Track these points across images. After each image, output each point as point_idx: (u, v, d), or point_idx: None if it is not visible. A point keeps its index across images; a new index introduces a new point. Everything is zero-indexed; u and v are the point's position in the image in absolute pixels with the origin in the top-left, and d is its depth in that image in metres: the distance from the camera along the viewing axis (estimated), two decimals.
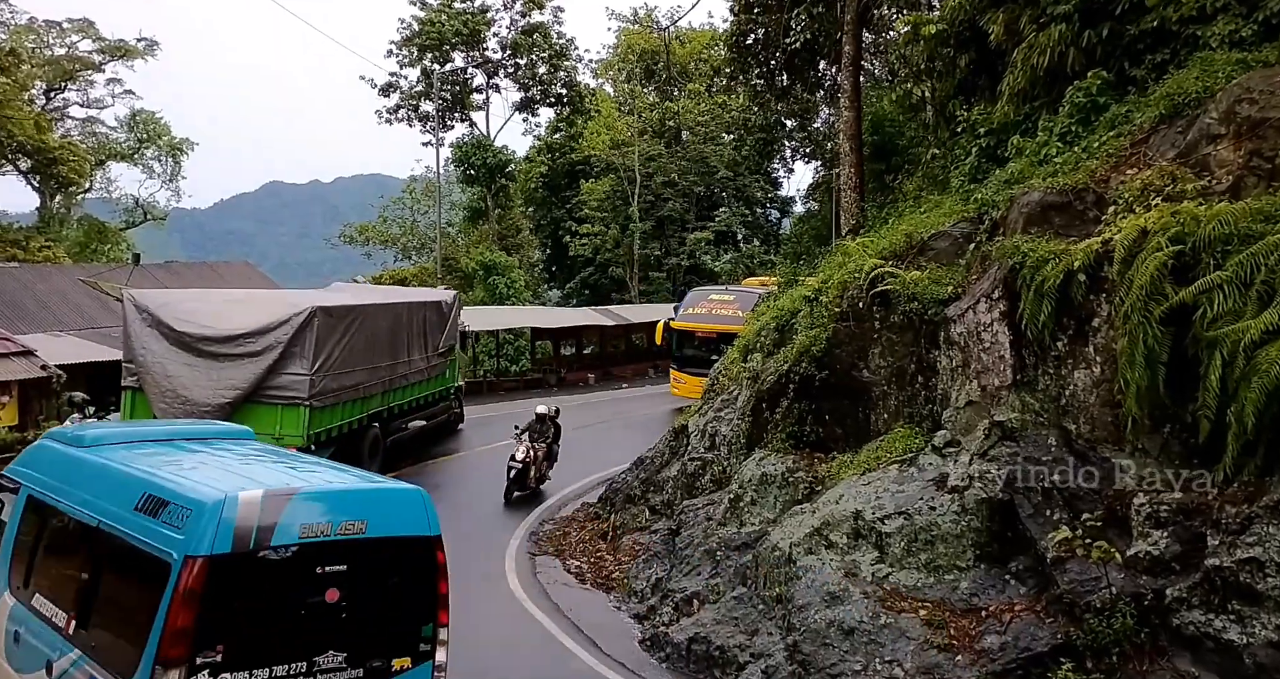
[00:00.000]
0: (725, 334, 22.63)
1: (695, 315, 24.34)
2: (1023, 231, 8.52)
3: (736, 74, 18.94)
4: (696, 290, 26.91)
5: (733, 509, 11.31)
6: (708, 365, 22.34)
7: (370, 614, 5.50)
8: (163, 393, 13.37)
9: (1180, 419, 7.37)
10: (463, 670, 8.72)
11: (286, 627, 5.16)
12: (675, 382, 24.73)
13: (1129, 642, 6.95)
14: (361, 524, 5.43)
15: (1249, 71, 7.33)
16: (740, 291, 25.08)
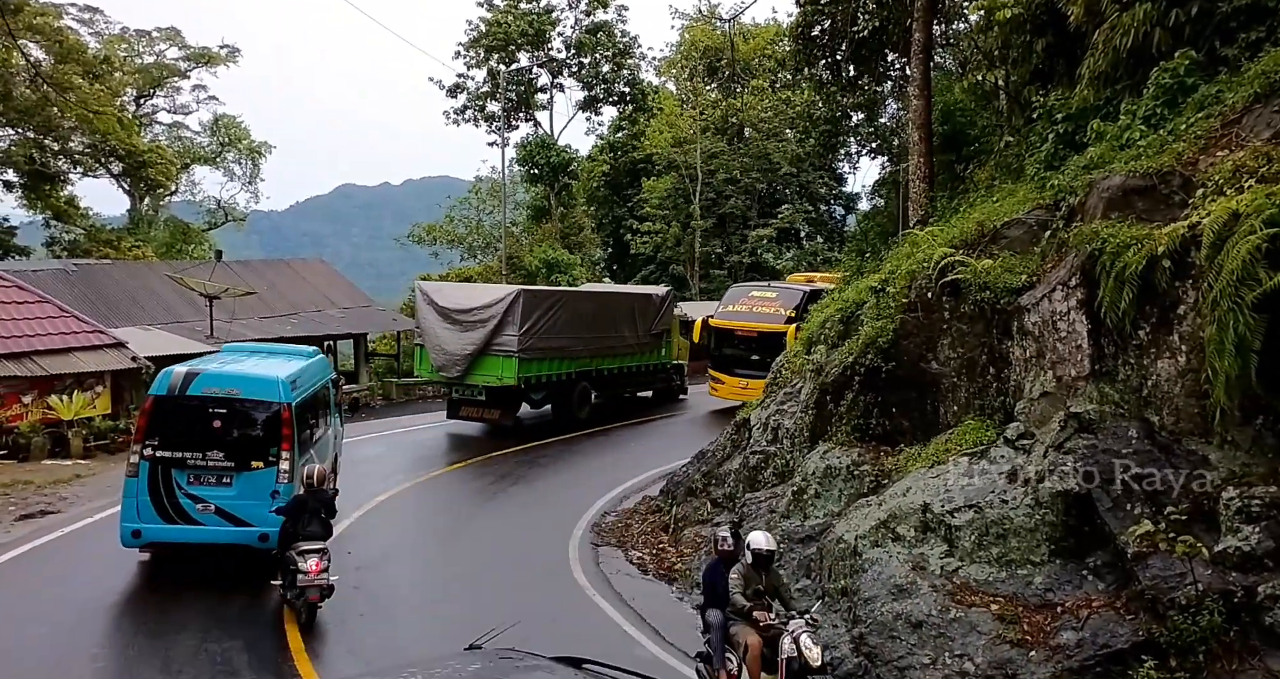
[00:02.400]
0: (767, 333, 21.88)
1: (735, 313, 23.22)
2: (1102, 217, 8.24)
3: (802, 66, 18.68)
4: (737, 286, 25.77)
5: (796, 502, 11.22)
6: (749, 365, 22.01)
7: (240, 437, 10.78)
8: (433, 348, 20.18)
9: (1274, 410, 7.05)
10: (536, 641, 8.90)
11: (193, 436, 10.60)
12: (713, 383, 23.76)
13: (1216, 640, 6.71)
14: (236, 391, 10.88)
15: None
16: (784, 288, 24.05)
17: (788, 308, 22.11)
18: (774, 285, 24.66)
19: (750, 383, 21.27)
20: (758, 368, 21.28)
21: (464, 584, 11.13)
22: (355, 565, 11.55)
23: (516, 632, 9.85)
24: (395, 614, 10.02)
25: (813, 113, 21.52)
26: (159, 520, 10.48)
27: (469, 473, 17.31)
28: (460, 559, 12.12)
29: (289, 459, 10.69)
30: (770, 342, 21.25)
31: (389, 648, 9.09)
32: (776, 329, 21.55)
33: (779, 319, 21.93)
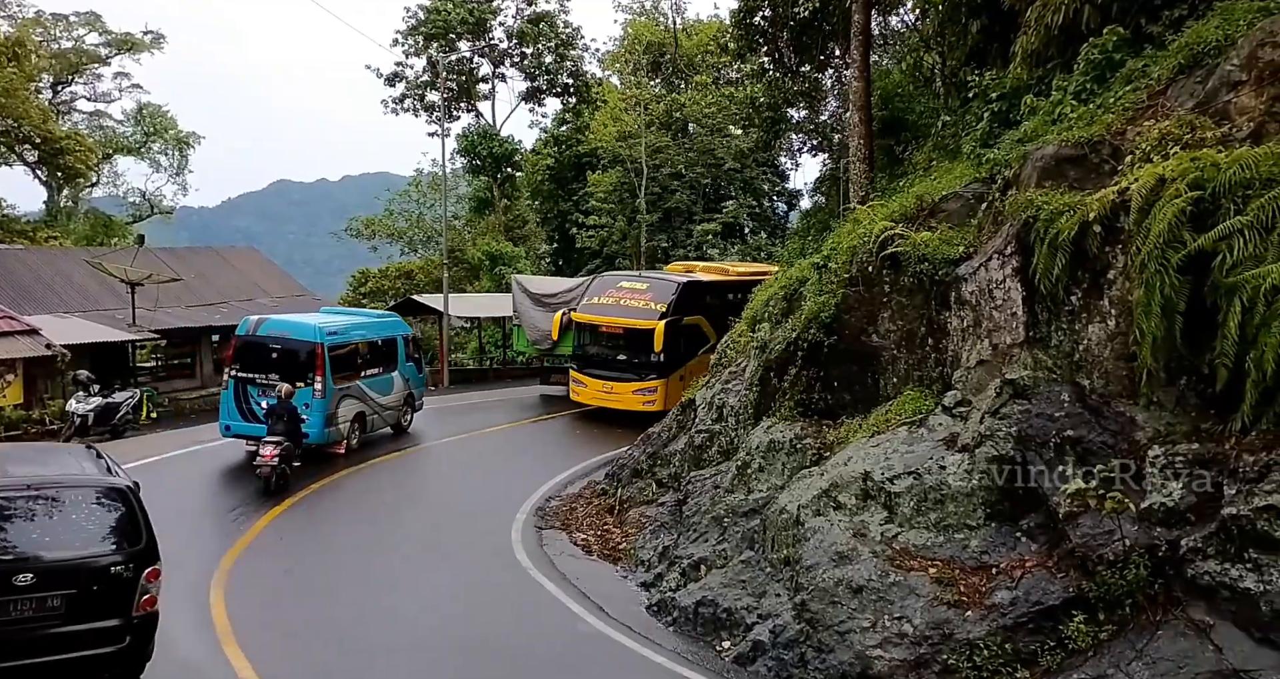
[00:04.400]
0: (635, 330, 19.38)
1: (601, 306, 20.39)
2: (1036, 186, 8.44)
3: (744, 52, 18.79)
4: (605, 275, 22.95)
5: (740, 477, 11.25)
6: (613, 367, 19.72)
7: (288, 365, 15.42)
8: (527, 326, 24.09)
9: (1197, 369, 7.27)
10: (473, 632, 8.78)
11: (259, 363, 15.59)
12: (575, 384, 20.63)
13: (1142, 593, 6.89)
14: (288, 333, 15.88)
15: (1271, 17, 7.24)
16: (657, 280, 21.15)
17: (660, 302, 19.66)
18: (646, 276, 22.03)
19: (615, 387, 19.59)
20: (624, 369, 19.68)
21: (404, 567, 10.85)
22: (286, 549, 11.21)
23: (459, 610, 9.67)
24: (329, 598, 9.69)
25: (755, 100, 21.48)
26: (240, 419, 15.50)
27: (420, 457, 16.97)
28: (399, 543, 11.80)
29: (321, 382, 15.54)
30: (639, 340, 19.29)
31: (322, 629, 8.80)
32: (646, 326, 19.21)
33: (650, 315, 19.43)
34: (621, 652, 8.49)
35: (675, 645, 8.63)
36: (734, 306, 20.36)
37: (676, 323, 19.63)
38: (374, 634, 8.68)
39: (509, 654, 8.42)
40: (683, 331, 19.83)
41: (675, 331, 19.54)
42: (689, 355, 19.84)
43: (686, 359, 19.81)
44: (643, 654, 8.37)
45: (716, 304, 20.94)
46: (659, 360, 19.28)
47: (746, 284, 21.48)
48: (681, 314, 19.86)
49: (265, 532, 11.87)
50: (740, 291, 21.11)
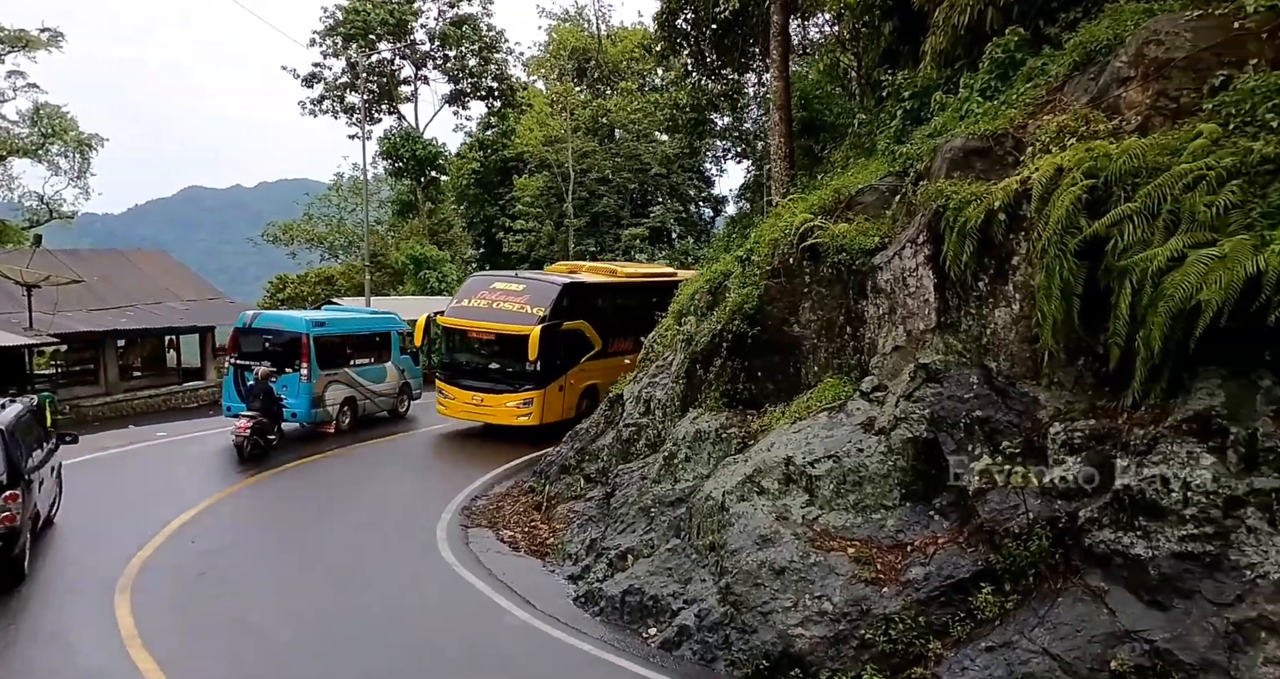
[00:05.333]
0: (510, 336, 17.45)
1: (471, 309, 18.35)
2: (946, 177, 8.79)
3: (667, 53, 18.98)
4: (477, 276, 21.18)
5: (667, 467, 11.32)
6: (485, 376, 17.87)
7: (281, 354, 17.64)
8: None
9: (1093, 350, 7.64)
10: (399, 630, 8.57)
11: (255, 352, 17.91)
12: (441, 396, 18.59)
13: (1044, 563, 7.16)
14: (280, 325, 18.29)
15: (1154, 17, 7.74)
16: (535, 281, 19.27)
17: (538, 305, 17.71)
18: (523, 276, 20.05)
19: (486, 399, 17.71)
20: (496, 379, 17.78)
21: (324, 567, 10.53)
22: (201, 550, 10.77)
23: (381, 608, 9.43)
24: (246, 598, 9.33)
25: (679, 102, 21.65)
26: (239, 401, 17.04)
27: (332, 463, 16.47)
28: (319, 545, 11.45)
29: (307, 367, 17.49)
30: (514, 347, 17.41)
31: (236, 631, 8.46)
32: (521, 331, 17.22)
33: (527, 319, 17.45)
34: (548, 642, 8.41)
35: (602, 634, 8.61)
36: (623, 311, 19.49)
37: (556, 328, 17.65)
38: (290, 635, 8.39)
39: (433, 649, 8.25)
40: (563, 338, 17.94)
41: (555, 338, 17.57)
42: (570, 363, 18.27)
43: (567, 367, 18.18)
44: (570, 643, 8.32)
45: (602, 308, 19.51)
46: (535, 369, 17.31)
47: (637, 287, 20.55)
48: (562, 318, 17.93)
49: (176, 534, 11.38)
50: (630, 295, 20.24)
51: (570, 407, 18.33)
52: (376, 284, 36.02)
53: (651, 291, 20.47)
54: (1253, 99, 6.65)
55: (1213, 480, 6.33)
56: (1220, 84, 7.09)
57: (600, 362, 18.99)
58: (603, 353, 19.14)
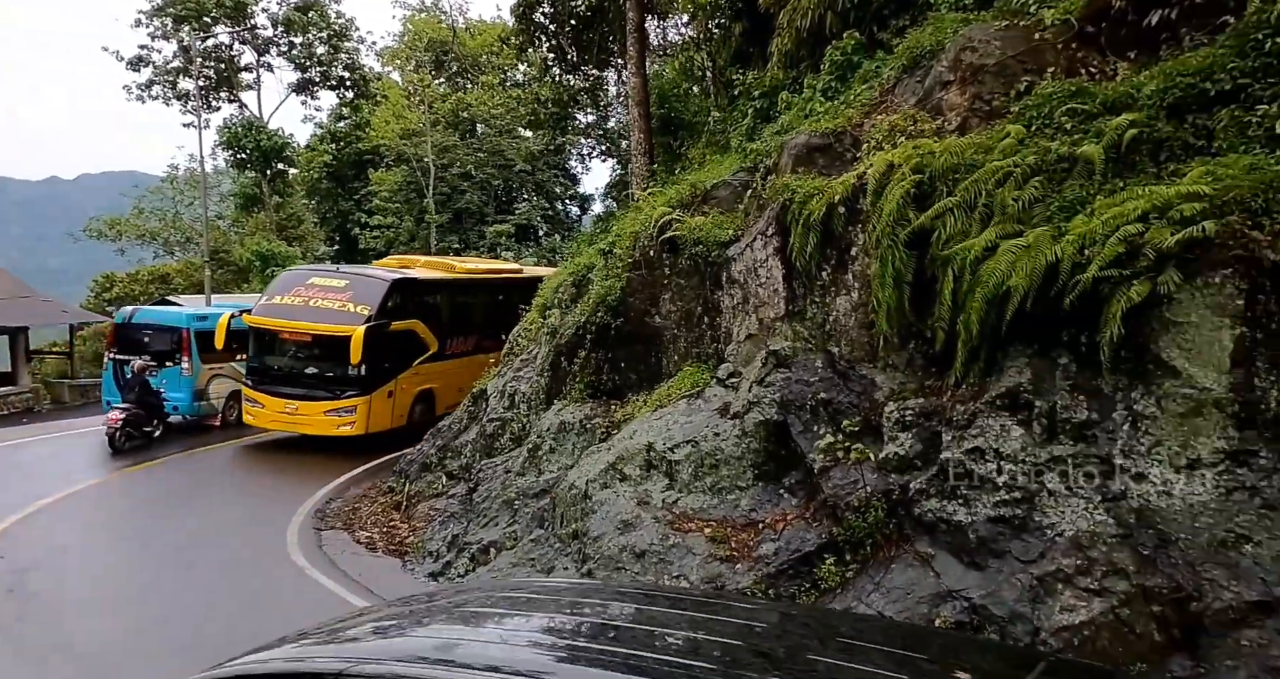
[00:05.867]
0: (329, 338, 15.78)
1: (284, 308, 16.50)
2: (791, 172, 9.24)
3: (526, 46, 18.86)
4: (293, 271, 19.28)
5: (531, 460, 11.31)
6: (300, 382, 16.24)
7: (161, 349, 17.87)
8: None
9: (922, 334, 8.22)
10: (244, 642, 8.05)
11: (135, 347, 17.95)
12: (249, 405, 16.87)
13: (880, 533, 7.58)
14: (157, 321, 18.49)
15: (970, 25, 8.47)
16: (359, 276, 17.55)
17: (363, 303, 16.14)
18: (346, 271, 18.27)
19: (301, 407, 16.06)
20: (313, 386, 16.16)
21: (158, 578, 9.80)
22: (15, 568, 9.78)
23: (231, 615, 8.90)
24: (58, 618, 8.53)
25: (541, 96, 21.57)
26: (118, 395, 16.83)
27: (177, 466, 15.39)
28: (159, 555, 10.65)
29: (189, 361, 17.60)
30: (334, 349, 15.77)
31: (60, 647, 7.73)
32: (342, 332, 15.61)
33: (350, 318, 15.84)
34: None
35: None
36: (463, 310, 18.68)
37: (383, 328, 16.11)
38: (118, 655, 7.76)
39: None
40: (393, 339, 16.53)
41: (382, 339, 16.10)
42: (401, 367, 16.94)
43: (398, 371, 16.85)
44: None
45: (439, 306, 18.32)
46: (360, 374, 15.84)
47: (478, 284, 19.63)
48: (391, 318, 16.47)
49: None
50: (470, 293, 19.39)
51: (402, 414, 17.01)
52: (219, 282, 33.78)
53: (495, 290, 19.78)
54: (1050, 103, 7.40)
55: (1021, 450, 6.92)
56: (1024, 89, 7.85)
57: (437, 365, 17.91)
58: (440, 355, 17.99)
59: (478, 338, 18.72)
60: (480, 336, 18.76)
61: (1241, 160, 6.15)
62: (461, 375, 17.53)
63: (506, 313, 19.42)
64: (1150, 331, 6.30)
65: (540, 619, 3.28)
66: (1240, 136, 6.34)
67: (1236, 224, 5.97)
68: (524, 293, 19.16)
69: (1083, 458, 6.64)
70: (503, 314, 19.52)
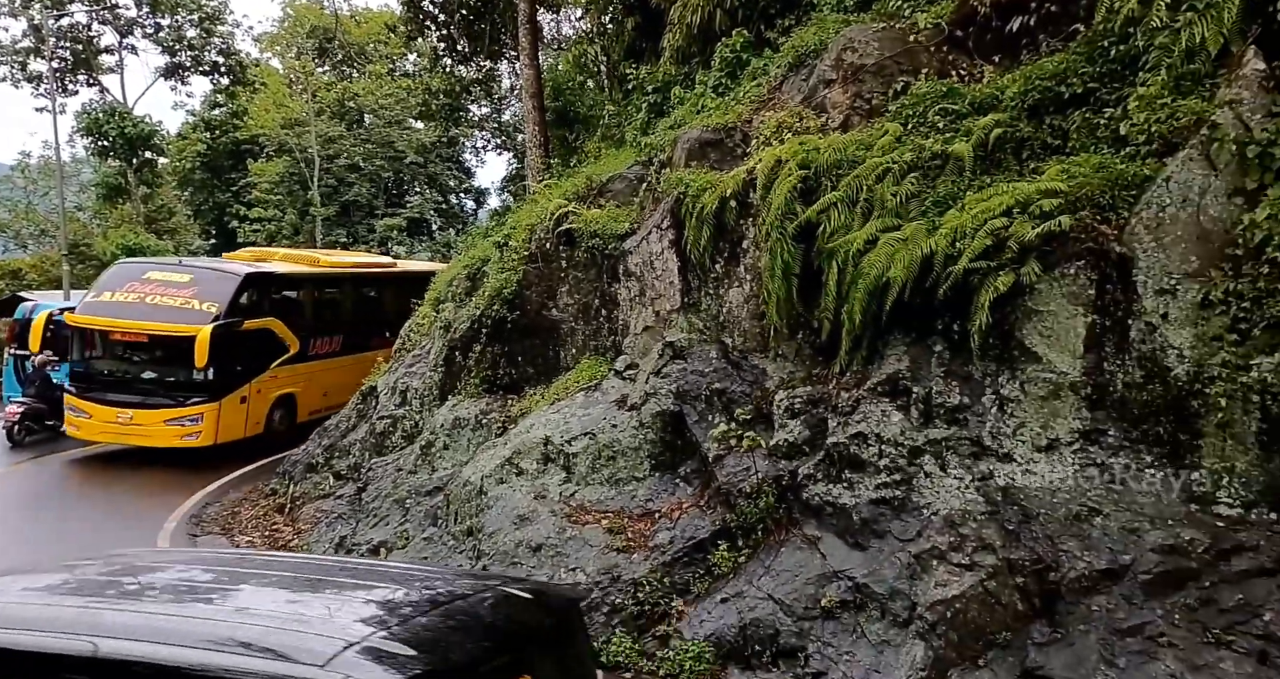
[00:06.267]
0: (168, 338, 14.24)
1: (114, 305, 14.62)
2: (685, 166, 9.38)
3: (414, 34, 18.32)
4: (125, 264, 17.09)
5: (424, 457, 11.05)
6: (134, 389, 14.59)
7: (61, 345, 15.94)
8: None
9: (810, 324, 8.51)
10: None
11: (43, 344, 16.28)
12: (73, 414, 14.86)
13: (771, 518, 7.78)
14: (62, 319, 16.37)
15: (850, 26, 8.83)
16: (208, 270, 15.88)
17: (210, 300, 14.51)
18: (190, 264, 16.39)
19: (137, 416, 14.31)
20: (151, 392, 14.55)
21: None
22: None
23: None
24: None
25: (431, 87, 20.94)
26: (18, 390, 16.63)
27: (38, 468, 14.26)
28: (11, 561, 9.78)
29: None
30: (176, 351, 14.22)
31: None
32: (185, 332, 13.98)
33: (195, 317, 14.22)
34: None
35: None
36: (328, 307, 17.30)
37: (234, 328, 14.53)
38: None
39: None
40: (246, 339, 14.98)
41: (234, 339, 14.55)
42: (256, 370, 15.38)
43: (252, 375, 15.30)
44: None
45: (300, 303, 16.79)
46: (206, 378, 14.28)
47: (345, 279, 18.15)
48: (244, 316, 14.91)
49: None
50: (337, 288, 17.93)
51: (258, 421, 15.51)
52: (80, 277, 31.38)
53: (365, 285, 18.54)
54: (924, 103, 7.81)
55: (900, 434, 7.26)
56: (901, 89, 8.25)
57: (298, 367, 16.32)
58: (301, 356, 16.38)
59: (346, 337, 17.38)
60: (349, 336, 17.48)
61: (1092, 159, 6.66)
62: (327, 378, 16.49)
63: (378, 310, 18.48)
64: (1015, 320, 6.75)
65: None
66: (1091, 137, 6.87)
67: (1088, 219, 6.46)
68: (398, 289, 18.25)
69: (956, 440, 7.04)
70: (374, 311, 18.55)
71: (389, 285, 18.30)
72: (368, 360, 15.70)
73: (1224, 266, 5.98)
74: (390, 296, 18.60)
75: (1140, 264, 6.30)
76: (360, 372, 15.27)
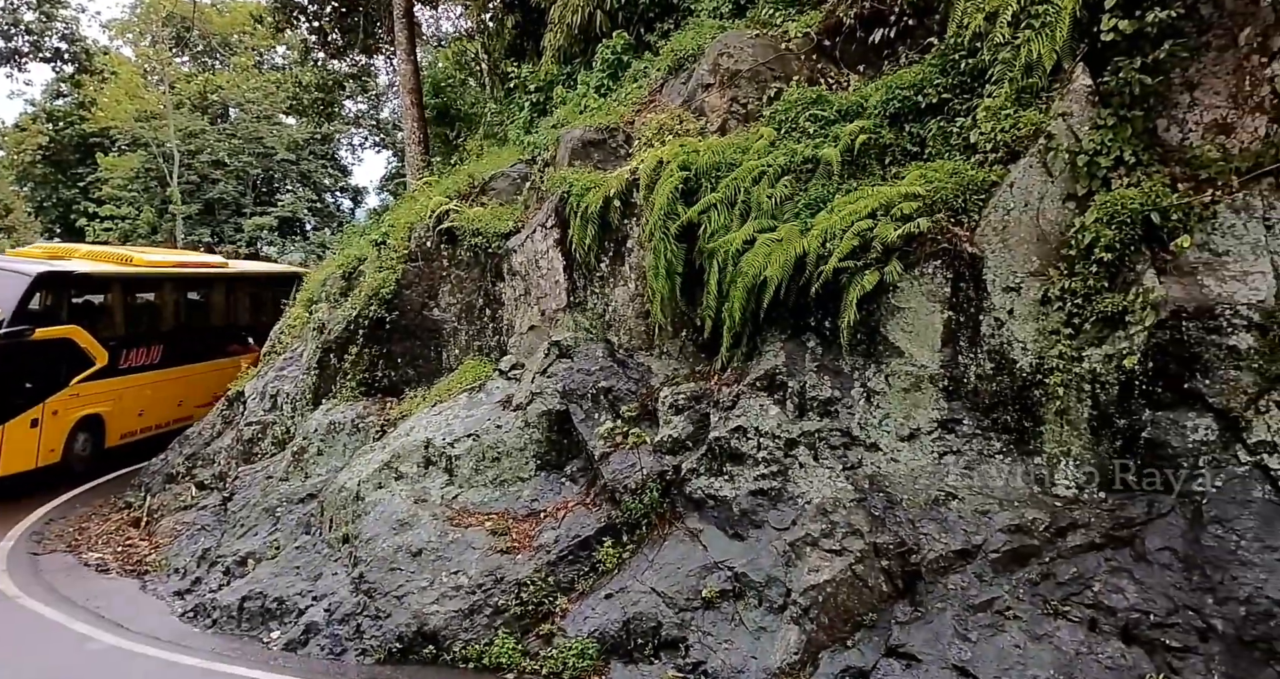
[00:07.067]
0: None
1: None
2: (569, 165, 9.39)
3: (282, 26, 17.39)
4: None
5: (296, 463, 10.55)
6: None
7: None
8: None
9: (693, 322, 8.70)
10: None
11: None
12: None
13: (655, 512, 7.90)
14: None
15: (727, 32, 9.10)
16: None
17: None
18: None
19: None
20: None
21: None
22: None
23: None
24: None
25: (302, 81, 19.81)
26: None
27: None
28: None
29: None
30: None
31: None
32: None
33: None
34: (143, 662, 7.35)
35: (214, 646, 7.74)
36: (145, 311, 15.06)
37: (21, 338, 12.52)
38: None
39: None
40: (38, 351, 12.79)
41: (20, 352, 12.51)
42: (50, 387, 13.08)
43: (46, 393, 13.01)
44: (171, 659, 7.37)
45: (109, 308, 14.39)
46: None
47: (168, 281, 15.58)
48: (35, 323, 12.82)
49: None
50: (157, 291, 15.43)
51: (54, 448, 13.11)
52: None
53: (193, 287, 16.13)
54: (796, 109, 8.15)
55: (777, 427, 7.53)
56: (775, 95, 8.58)
57: (107, 382, 13.90)
58: (111, 370, 13.99)
59: (168, 347, 14.91)
60: (172, 346, 15.02)
61: (946, 165, 7.14)
62: (145, 395, 14.20)
63: (207, 316, 16.18)
64: (880, 316, 7.15)
65: None
66: (945, 144, 7.37)
67: (944, 221, 6.92)
68: (232, 292, 16.43)
69: (828, 432, 7.37)
70: (202, 318, 16.18)
71: (220, 288, 16.04)
72: (196, 373, 14.35)
73: (1060, 266, 6.54)
74: (222, 301, 16.54)
75: (989, 263, 6.79)
76: (187, 386, 13.84)
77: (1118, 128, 6.40)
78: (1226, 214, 6.19)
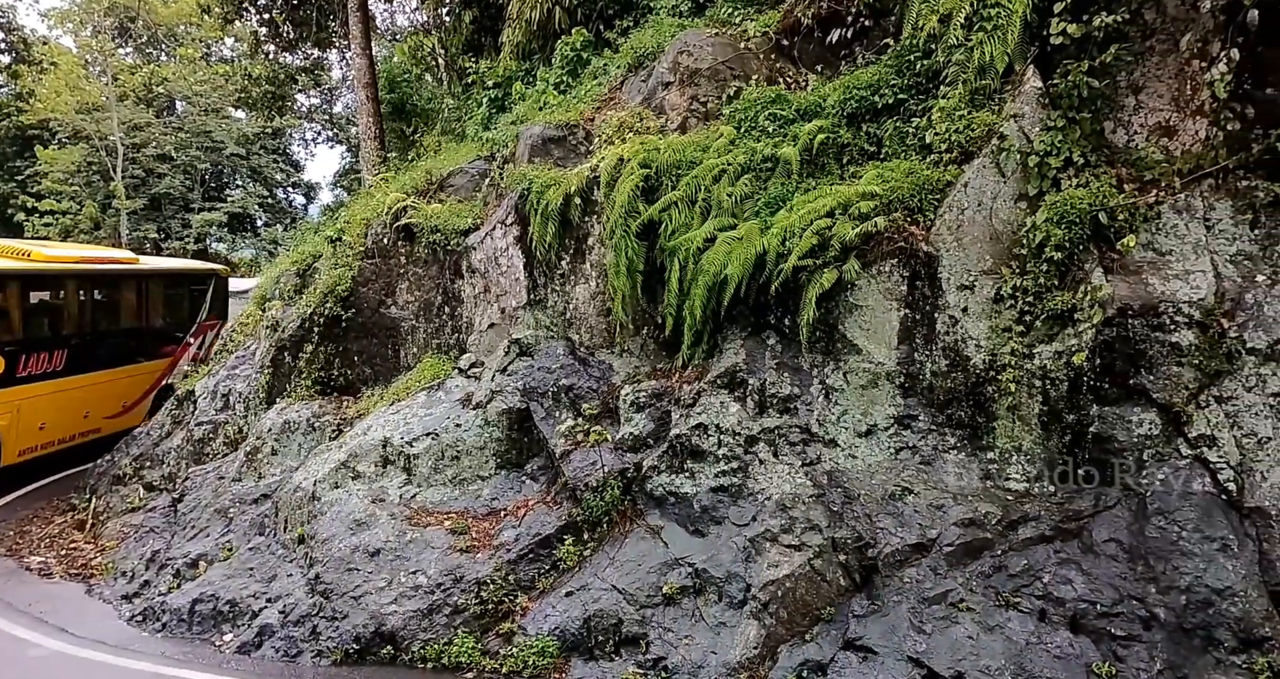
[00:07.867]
0: None
1: None
2: (529, 162, 9.33)
3: (231, 17, 16.89)
4: None
5: (250, 463, 10.32)
6: None
7: None
8: None
9: (654, 320, 8.75)
10: None
11: None
12: None
13: (616, 510, 7.90)
14: None
15: (686, 30, 9.13)
16: None
17: None
18: None
19: None
20: None
21: None
22: None
23: None
24: None
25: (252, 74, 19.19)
26: None
27: None
28: None
29: None
30: None
31: None
32: None
33: None
34: (89, 668, 7.14)
35: (163, 650, 7.54)
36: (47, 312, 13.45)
37: None
38: None
39: None
40: None
41: None
42: None
43: None
44: (118, 664, 7.16)
45: (5, 308, 12.47)
46: None
47: (71, 278, 13.75)
48: None
49: None
50: (57, 289, 13.72)
51: None
52: None
53: (101, 285, 14.63)
54: (755, 108, 8.21)
55: (737, 424, 7.60)
56: (734, 93, 8.63)
57: (3, 392, 12.22)
58: (8, 379, 12.28)
59: (73, 352, 13.56)
60: (79, 350, 13.65)
61: (903, 165, 7.27)
62: (48, 406, 12.81)
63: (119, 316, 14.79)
64: (838, 314, 7.24)
65: None
66: (901, 144, 7.49)
67: (900, 220, 7.04)
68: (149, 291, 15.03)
69: (787, 428, 7.45)
70: (114, 318, 14.76)
71: (130, 287, 14.58)
72: (106, 381, 13.24)
73: (1012, 264, 6.70)
74: (138, 300, 15.05)
75: (944, 262, 6.93)
76: (98, 395, 12.82)
77: (1067, 129, 6.57)
78: (1169, 214, 6.40)
